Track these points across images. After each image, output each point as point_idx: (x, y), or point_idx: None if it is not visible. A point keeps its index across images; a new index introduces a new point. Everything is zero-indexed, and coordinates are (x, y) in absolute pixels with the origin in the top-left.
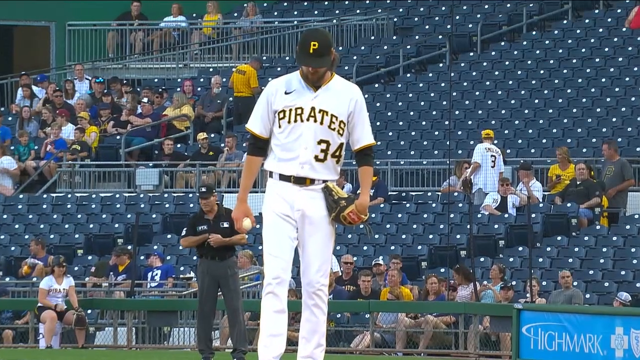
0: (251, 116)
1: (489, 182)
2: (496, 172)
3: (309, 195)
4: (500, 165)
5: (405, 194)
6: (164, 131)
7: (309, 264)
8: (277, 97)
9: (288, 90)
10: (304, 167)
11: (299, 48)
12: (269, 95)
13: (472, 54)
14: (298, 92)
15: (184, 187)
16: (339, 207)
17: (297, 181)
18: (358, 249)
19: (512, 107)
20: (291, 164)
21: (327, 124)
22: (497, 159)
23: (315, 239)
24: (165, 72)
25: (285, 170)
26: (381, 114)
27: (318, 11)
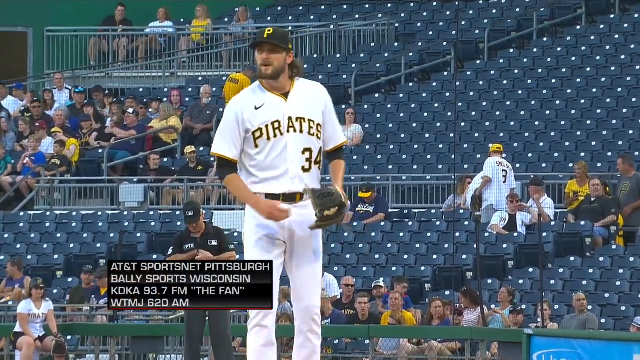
0: (217, 140)
1: (500, 199)
2: (507, 188)
3: (299, 213)
4: (512, 180)
5: (407, 211)
6: (149, 144)
7: (303, 288)
8: (248, 115)
9: (257, 105)
10: (295, 182)
11: (255, 38)
12: (237, 114)
13: (478, 62)
14: (268, 104)
15: (170, 204)
16: (323, 217)
17: (288, 198)
18: (357, 270)
19: (521, 118)
20: (280, 181)
21: (306, 130)
22: (509, 174)
23: (307, 260)
24: (151, 81)
25: (274, 189)
26: (382, 126)
27: (314, 16)
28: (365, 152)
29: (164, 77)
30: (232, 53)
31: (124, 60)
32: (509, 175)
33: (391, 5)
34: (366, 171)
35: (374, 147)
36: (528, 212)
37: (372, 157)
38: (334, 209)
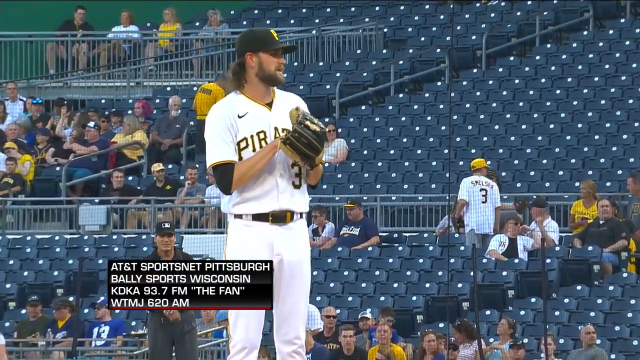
0: (212, 151)
1: (481, 221)
2: (489, 208)
3: (289, 236)
4: (495, 199)
5: (397, 235)
6: (112, 161)
7: (288, 319)
8: (235, 122)
9: (241, 114)
10: (284, 199)
11: (260, 38)
12: (225, 119)
13: (475, 71)
14: (252, 114)
15: (136, 227)
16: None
17: (277, 219)
18: (341, 300)
19: (523, 133)
20: (267, 199)
21: None
22: (489, 192)
23: (295, 288)
24: (114, 92)
25: (261, 208)
26: (369, 141)
27: (295, 20)
28: (351, 169)
29: (129, 87)
30: (203, 61)
31: (84, 68)
32: (490, 193)
33: (379, 8)
34: (352, 191)
35: (361, 165)
36: (530, 236)
37: (358, 176)
38: (318, 128)
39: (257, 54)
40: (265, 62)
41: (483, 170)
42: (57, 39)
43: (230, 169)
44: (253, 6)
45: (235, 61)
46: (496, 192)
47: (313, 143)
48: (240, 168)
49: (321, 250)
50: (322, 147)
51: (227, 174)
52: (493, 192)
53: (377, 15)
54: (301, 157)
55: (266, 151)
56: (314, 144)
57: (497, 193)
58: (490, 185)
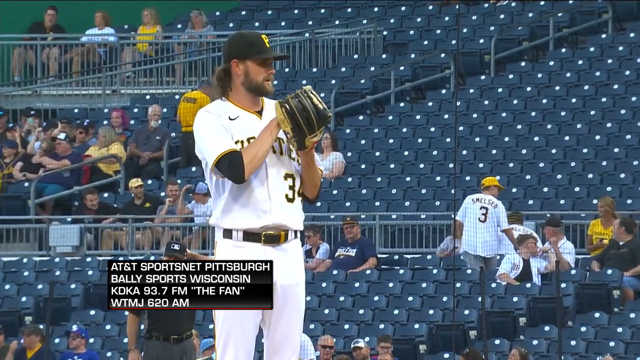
0: (212, 145)
1: (474, 241)
2: (489, 229)
3: (284, 258)
4: (498, 219)
5: (398, 257)
6: (86, 176)
7: (280, 349)
8: (227, 122)
9: (232, 117)
10: (277, 213)
11: (249, 45)
12: (217, 117)
13: (483, 78)
14: (243, 118)
15: (112, 248)
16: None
17: (270, 239)
18: (337, 328)
19: (535, 145)
20: (260, 212)
21: (287, 153)
22: (491, 211)
23: (289, 315)
24: (89, 101)
25: (253, 222)
26: (367, 154)
27: (286, 22)
28: (347, 185)
29: (104, 95)
30: (186, 67)
31: (55, 75)
32: (492, 213)
33: (378, 9)
34: (348, 208)
35: (358, 180)
36: (544, 258)
37: (356, 192)
38: (321, 105)
39: (244, 62)
40: (253, 72)
41: (493, 189)
42: (26, 42)
43: (237, 155)
44: (240, 7)
45: (221, 66)
46: (500, 213)
47: (310, 116)
48: (248, 151)
49: (315, 274)
50: (318, 127)
51: (236, 160)
52: (496, 212)
53: (375, 16)
54: (293, 127)
55: (271, 128)
56: (311, 117)
57: (501, 213)
58: (494, 204)
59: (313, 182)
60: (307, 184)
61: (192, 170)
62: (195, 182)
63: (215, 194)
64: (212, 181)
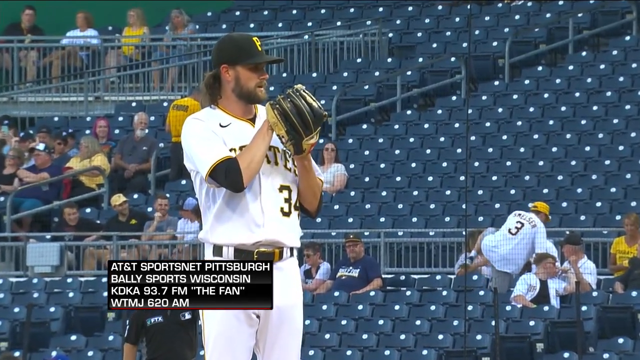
0: (205, 154)
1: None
2: (518, 246)
3: (278, 277)
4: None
5: (404, 277)
6: (67, 190)
7: None
8: (218, 130)
9: (223, 124)
10: (271, 228)
11: (239, 48)
12: (208, 124)
13: (497, 83)
14: (235, 126)
15: (94, 268)
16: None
17: (263, 257)
18: (339, 355)
19: (553, 156)
20: (251, 230)
21: (282, 163)
22: (526, 228)
23: (285, 340)
24: (70, 108)
25: (244, 239)
26: (371, 166)
27: (283, 23)
28: (350, 199)
29: (87, 102)
30: (176, 71)
31: (33, 80)
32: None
33: (383, 9)
34: (351, 225)
35: (361, 194)
36: (563, 278)
37: (359, 207)
38: (315, 103)
39: (234, 67)
40: (244, 78)
41: (542, 214)
42: (1, 45)
43: (233, 162)
44: (234, 7)
45: (210, 72)
46: (538, 234)
47: (305, 116)
48: (243, 157)
49: (315, 296)
50: (314, 128)
51: (232, 167)
52: (531, 232)
53: (380, 17)
54: (288, 129)
55: (263, 131)
56: (306, 117)
57: (538, 235)
58: (533, 223)
59: (312, 192)
60: (306, 195)
61: (182, 184)
62: (185, 197)
63: (205, 206)
64: (202, 192)
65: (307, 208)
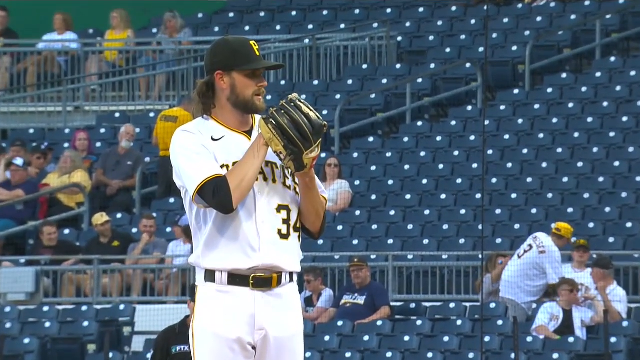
0: (193, 170)
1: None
2: (521, 269)
3: (276, 305)
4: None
5: (415, 305)
6: (43, 210)
7: None
8: (209, 144)
9: (216, 137)
10: (267, 252)
11: (235, 53)
12: (198, 137)
13: (517, 92)
14: (229, 140)
15: (73, 296)
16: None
17: (259, 283)
18: None
19: (578, 172)
20: (247, 254)
21: (280, 180)
22: (534, 252)
23: None
24: (47, 119)
25: (238, 264)
26: (378, 183)
27: (282, 25)
28: (355, 219)
29: (65, 112)
30: (164, 79)
31: (6, 88)
32: (531, 255)
33: (392, 10)
34: (355, 247)
35: (367, 213)
36: (589, 307)
37: (365, 228)
38: (312, 114)
39: (230, 74)
40: (240, 85)
41: (564, 240)
42: None
43: (222, 181)
44: (227, 8)
45: (203, 79)
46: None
47: (303, 128)
48: (233, 175)
49: (316, 325)
50: (314, 139)
51: (221, 187)
52: (537, 257)
53: (388, 19)
54: (285, 144)
55: (256, 147)
56: (304, 129)
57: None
58: (542, 248)
59: (315, 212)
60: (309, 215)
61: (171, 202)
62: (173, 216)
63: (196, 227)
64: (192, 212)
65: (309, 229)
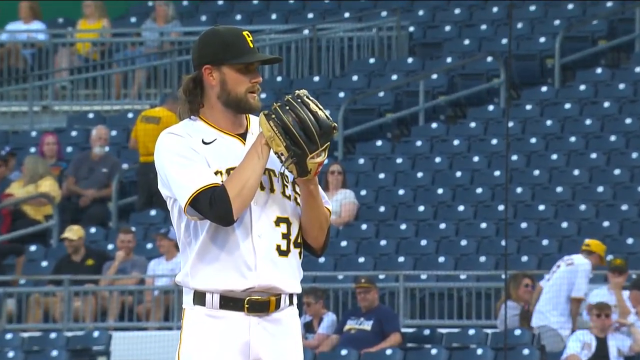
0: (185, 178)
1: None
2: (551, 291)
3: (274, 332)
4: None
5: (429, 331)
6: (6, 223)
7: None
8: (199, 147)
9: (207, 140)
10: (264, 270)
11: (225, 45)
12: (187, 140)
13: (545, 89)
14: (222, 143)
15: (41, 321)
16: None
17: (255, 307)
18: None
19: (615, 181)
20: (241, 273)
21: (279, 189)
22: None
23: None
24: (10, 120)
25: (231, 285)
26: (387, 193)
27: (278, 14)
28: (361, 234)
29: (31, 113)
30: (144, 75)
31: None
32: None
33: None
34: (362, 265)
35: (375, 227)
36: (627, 334)
37: (372, 243)
38: (320, 112)
39: (220, 69)
40: (232, 81)
41: (596, 256)
42: None
43: (220, 190)
44: None
45: (189, 75)
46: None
47: (309, 128)
48: (233, 181)
49: (317, 354)
50: (320, 142)
51: (219, 196)
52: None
53: (399, 7)
54: (287, 145)
55: (258, 147)
56: (310, 129)
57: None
58: (570, 262)
59: (319, 225)
60: (312, 228)
61: (152, 215)
62: (155, 230)
63: (185, 242)
64: (181, 225)
65: (311, 244)
